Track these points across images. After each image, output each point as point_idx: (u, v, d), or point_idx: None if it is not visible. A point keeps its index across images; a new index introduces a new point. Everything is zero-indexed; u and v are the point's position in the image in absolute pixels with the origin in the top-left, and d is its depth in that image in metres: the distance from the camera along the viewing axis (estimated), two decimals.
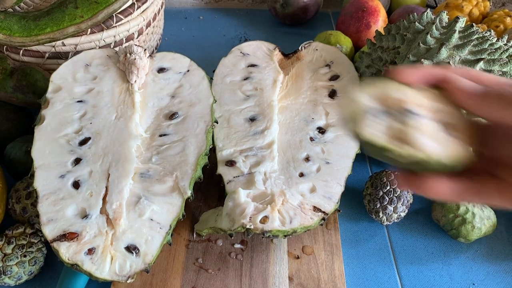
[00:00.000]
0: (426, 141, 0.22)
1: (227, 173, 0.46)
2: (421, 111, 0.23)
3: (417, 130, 0.22)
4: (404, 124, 0.23)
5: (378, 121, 0.23)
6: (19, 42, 0.53)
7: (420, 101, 0.23)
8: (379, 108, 0.23)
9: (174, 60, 0.53)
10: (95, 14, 0.54)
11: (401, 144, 0.23)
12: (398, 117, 0.23)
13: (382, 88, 0.24)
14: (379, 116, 0.23)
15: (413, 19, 0.52)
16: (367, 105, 0.23)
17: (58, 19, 0.53)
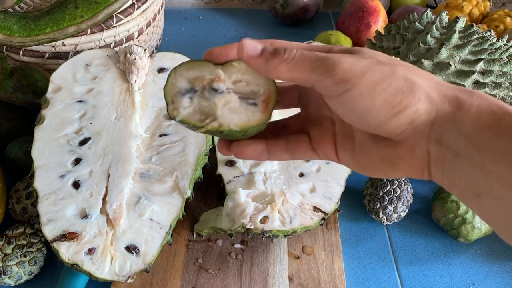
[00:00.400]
0: (222, 114, 0.26)
1: (227, 173, 0.46)
2: (224, 87, 0.27)
3: (217, 105, 0.26)
4: (208, 102, 0.27)
5: (189, 101, 0.27)
6: (19, 42, 0.53)
7: (227, 77, 0.27)
8: (192, 88, 0.27)
9: (174, 60, 0.53)
10: (95, 14, 0.54)
11: (204, 119, 0.26)
12: (206, 96, 0.27)
13: (197, 69, 0.27)
14: (192, 95, 0.27)
15: (413, 19, 0.52)
16: (181, 86, 0.27)
17: (58, 19, 0.53)
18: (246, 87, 0.27)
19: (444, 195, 0.49)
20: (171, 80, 0.27)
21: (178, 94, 0.27)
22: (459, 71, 0.45)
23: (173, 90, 0.27)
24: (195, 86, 0.27)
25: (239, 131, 0.26)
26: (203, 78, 0.27)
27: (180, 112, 0.26)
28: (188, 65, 0.27)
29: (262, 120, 0.27)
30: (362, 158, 0.26)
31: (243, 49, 0.25)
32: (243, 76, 0.27)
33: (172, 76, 0.27)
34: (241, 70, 0.27)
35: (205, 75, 0.27)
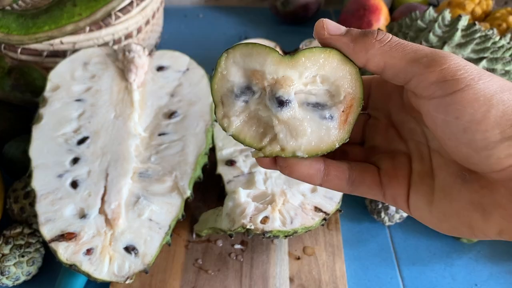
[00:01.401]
0: (285, 135, 0.20)
1: (227, 172, 0.46)
2: (291, 96, 0.20)
3: (280, 122, 0.20)
4: (269, 113, 0.20)
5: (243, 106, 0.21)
6: (17, 40, 0.52)
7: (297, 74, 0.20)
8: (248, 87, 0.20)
9: (173, 59, 0.52)
10: (93, 12, 0.54)
11: (262, 134, 0.21)
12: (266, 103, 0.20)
13: (256, 58, 0.20)
14: (247, 98, 0.21)
15: (416, 17, 0.51)
16: (234, 82, 0.20)
17: (57, 17, 0.52)
18: (322, 87, 0.21)
19: None
20: (221, 71, 0.20)
21: (230, 94, 0.21)
22: None
23: (224, 86, 0.21)
24: (252, 84, 0.21)
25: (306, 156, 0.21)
26: (264, 75, 0.20)
27: (232, 123, 0.21)
28: (245, 50, 0.20)
29: (338, 140, 0.21)
30: (444, 204, 0.20)
31: (324, 26, 0.20)
32: (319, 71, 0.20)
33: (223, 63, 0.20)
34: (319, 62, 0.20)
35: (266, 70, 0.20)
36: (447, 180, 0.20)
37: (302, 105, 0.21)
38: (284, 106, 0.20)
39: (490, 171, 0.18)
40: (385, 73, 0.20)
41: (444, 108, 0.19)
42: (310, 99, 0.21)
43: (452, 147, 0.19)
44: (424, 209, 0.21)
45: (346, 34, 0.20)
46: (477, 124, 0.18)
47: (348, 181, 0.23)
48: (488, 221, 0.19)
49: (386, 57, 0.20)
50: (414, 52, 0.19)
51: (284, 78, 0.20)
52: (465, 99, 0.18)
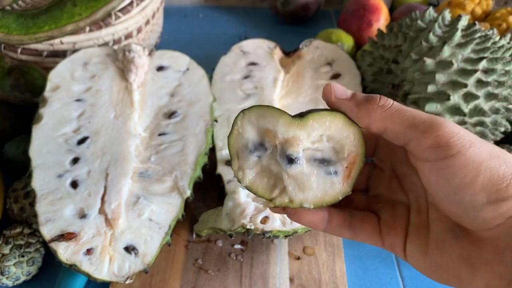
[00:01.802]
0: (293, 188, 0.23)
1: (227, 172, 0.46)
2: (299, 153, 0.23)
3: (289, 177, 0.23)
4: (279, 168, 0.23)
5: (256, 161, 0.23)
6: (17, 40, 0.52)
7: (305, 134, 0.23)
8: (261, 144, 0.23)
9: (173, 59, 0.52)
10: (93, 12, 0.54)
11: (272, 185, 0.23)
12: (277, 159, 0.23)
13: (269, 119, 0.23)
14: (260, 154, 0.23)
15: (415, 17, 0.51)
16: (249, 139, 0.23)
17: (57, 17, 0.52)
18: (327, 145, 0.23)
19: None
20: (238, 128, 0.23)
21: (244, 149, 0.23)
22: (462, 70, 0.45)
23: (239, 142, 0.23)
24: (265, 141, 0.23)
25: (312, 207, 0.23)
26: (276, 135, 0.23)
27: (246, 175, 0.23)
28: (260, 112, 0.23)
29: (341, 193, 0.23)
30: (436, 256, 0.22)
31: (331, 90, 0.23)
32: (325, 131, 0.23)
33: (239, 122, 0.23)
34: (323, 123, 0.22)
35: (278, 131, 0.22)
36: (441, 234, 0.22)
37: (310, 161, 0.23)
38: (293, 163, 0.23)
39: (478, 229, 0.20)
40: (386, 135, 0.22)
41: (437, 171, 0.21)
42: (317, 155, 0.23)
43: (444, 205, 0.21)
44: (419, 258, 0.23)
45: (350, 99, 0.22)
46: (466, 188, 0.20)
47: (349, 229, 0.25)
48: (476, 276, 0.20)
49: (386, 122, 0.22)
50: (412, 118, 0.21)
51: (293, 138, 0.23)
52: (456, 164, 0.20)
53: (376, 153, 0.27)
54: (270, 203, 0.23)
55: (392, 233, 0.24)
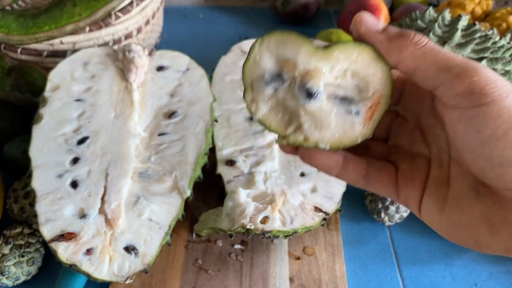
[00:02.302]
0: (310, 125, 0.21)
1: (227, 172, 0.46)
2: (320, 88, 0.21)
3: (307, 113, 0.21)
4: (297, 102, 0.21)
5: (272, 93, 0.21)
6: (17, 40, 0.52)
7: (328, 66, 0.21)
8: (279, 75, 0.21)
9: (173, 59, 0.52)
10: (93, 12, 0.54)
11: (287, 121, 0.21)
12: (295, 93, 0.21)
13: (290, 46, 0.21)
14: (277, 86, 0.21)
15: (415, 17, 0.51)
16: (266, 68, 0.21)
17: (56, 17, 0.52)
18: (351, 82, 0.21)
19: None
20: (255, 55, 0.21)
21: (260, 79, 0.21)
22: None
23: (255, 71, 0.21)
24: (283, 72, 0.21)
25: (328, 148, 0.21)
26: (296, 64, 0.21)
27: (259, 108, 0.21)
28: (281, 38, 0.21)
29: (361, 136, 0.21)
30: (454, 214, 0.21)
31: (362, 21, 0.21)
32: (350, 65, 0.21)
33: (256, 49, 0.21)
34: (351, 56, 0.21)
35: (298, 60, 0.20)
36: (462, 191, 0.21)
37: (330, 97, 0.21)
38: (312, 98, 0.21)
39: (503, 188, 0.19)
40: (415, 76, 0.21)
41: (467, 119, 0.19)
42: (338, 92, 0.21)
43: (470, 159, 0.19)
44: (434, 215, 0.22)
45: (382, 32, 0.21)
46: (497, 140, 0.18)
47: (364, 177, 0.23)
48: (496, 237, 0.19)
49: (417, 62, 0.20)
50: (447, 60, 0.19)
51: (315, 70, 0.21)
52: (488, 114, 0.18)
53: (400, 101, 0.25)
54: (283, 140, 0.22)
55: (410, 186, 0.23)
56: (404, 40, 0.20)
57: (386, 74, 0.21)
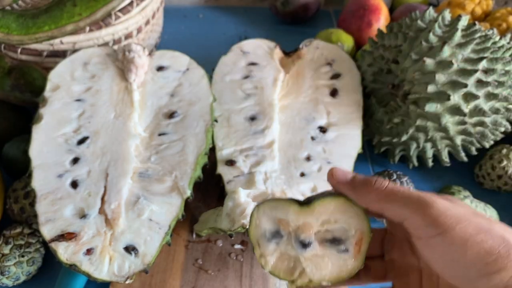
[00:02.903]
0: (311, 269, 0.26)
1: (227, 172, 0.46)
2: (311, 238, 0.26)
3: (305, 260, 0.26)
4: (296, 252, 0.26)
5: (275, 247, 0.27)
6: (17, 40, 0.52)
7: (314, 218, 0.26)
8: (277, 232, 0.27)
9: (173, 59, 0.52)
10: (93, 12, 0.54)
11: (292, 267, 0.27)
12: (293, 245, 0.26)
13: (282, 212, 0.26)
14: (278, 240, 0.27)
15: (415, 17, 0.51)
16: (266, 228, 0.27)
17: (57, 17, 0.52)
18: (335, 226, 0.26)
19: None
20: (255, 221, 0.27)
21: (263, 237, 0.27)
22: (462, 70, 0.45)
23: (258, 232, 0.27)
24: (280, 229, 0.27)
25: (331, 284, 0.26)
26: (288, 223, 0.26)
27: (268, 262, 0.27)
28: (271, 204, 0.27)
29: (355, 268, 0.26)
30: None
31: (333, 175, 0.26)
32: (331, 215, 0.26)
33: (255, 215, 0.27)
34: (330, 209, 0.26)
35: (290, 219, 0.26)
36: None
37: (322, 242, 0.26)
38: (307, 247, 0.26)
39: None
40: (384, 214, 0.25)
41: (430, 248, 0.22)
42: (327, 236, 0.26)
43: (444, 277, 0.23)
44: None
45: (350, 182, 0.25)
46: (457, 263, 0.21)
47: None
48: None
49: (381, 203, 0.24)
50: (405, 198, 0.23)
51: (304, 224, 0.26)
52: (444, 242, 0.21)
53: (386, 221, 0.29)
54: (292, 284, 0.26)
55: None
56: (367, 187, 0.24)
57: (362, 215, 0.26)
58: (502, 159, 0.51)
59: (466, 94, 0.45)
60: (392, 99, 0.51)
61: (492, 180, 0.52)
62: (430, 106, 0.45)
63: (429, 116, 0.46)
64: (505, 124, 0.48)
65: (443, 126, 0.46)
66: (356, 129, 0.49)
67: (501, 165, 0.51)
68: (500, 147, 0.53)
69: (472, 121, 0.47)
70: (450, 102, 0.45)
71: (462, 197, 0.48)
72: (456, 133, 0.48)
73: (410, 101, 0.47)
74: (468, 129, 0.47)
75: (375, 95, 0.53)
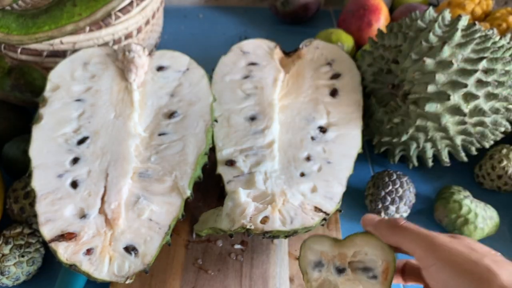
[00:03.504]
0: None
1: (227, 172, 0.46)
2: (345, 265, 0.32)
3: (341, 284, 0.32)
4: (334, 277, 0.32)
5: (318, 274, 0.33)
6: (17, 40, 0.52)
7: (348, 250, 0.32)
8: (320, 261, 0.33)
9: (173, 59, 0.52)
10: (93, 12, 0.54)
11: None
12: (332, 271, 0.33)
13: (323, 245, 0.33)
14: (320, 268, 0.33)
15: (415, 17, 0.51)
16: (311, 259, 0.33)
17: (57, 17, 0.52)
18: (366, 257, 0.32)
19: (446, 195, 0.49)
20: (304, 253, 0.34)
21: (309, 265, 0.33)
22: (462, 70, 0.45)
23: (306, 262, 0.34)
24: (322, 259, 0.33)
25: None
26: (328, 254, 0.33)
27: (313, 286, 0.33)
28: (314, 239, 0.34)
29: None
30: None
31: (364, 221, 0.33)
32: (362, 248, 0.32)
33: (303, 249, 0.34)
34: (361, 243, 0.32)
35: (328, 251, 0.33)
36: None
37: (355, 269, 0.32)
38: (342, 273, 0.32)
39: None
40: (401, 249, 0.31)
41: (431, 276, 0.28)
42: (359, 265, 0.32)
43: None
44: None
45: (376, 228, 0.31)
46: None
47: None
48: None
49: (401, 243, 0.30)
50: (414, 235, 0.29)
51: (339, 255, 0.33)
52: (439, 271, 0.26)
53: None
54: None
55: None
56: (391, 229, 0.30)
57: (387, 249, 0.31)
58: (502, 159, 0.51)
59: (466, 94, 0.45)
60: (392, 99, 0.51)
61: (492, 180, 0.52)
62: (430, 106, 0.45)
63: (429, 116, 0.46)
64: (505, 124, 0.48)
65: (443, 126, 0.46)
66: (356, 129, 0.49)
67: (501, 165, 0.51)
68: (500, 147, 0.53)
69: (472, 121, 0.47)
70: (450, 102, 0.45)
71: (462, 197, 0.48)
72: (456, 133, 0.48)
73: (410, 101, 0.47)
74: (468, 129, 0.47)
75: (375, 95, 0.53)
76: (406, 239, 0.29)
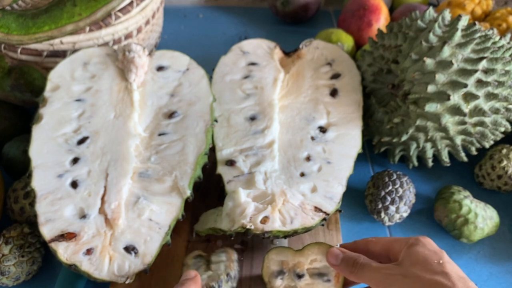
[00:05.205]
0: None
1: (227, 172, 0.46)
2: (304, 271, 0.38)
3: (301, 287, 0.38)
4: (294, 283, 0.38)
5: (280, 282, 0.38)
6: (17, 40, 0.52)
7: (305, 258, 0.38)
8: (281, 270, 0.39)
9: (173, 59, 0.52)
10: (93, 12, 0.54)
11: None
12: (292, 277, 0.38)
13: (284, 255, 0.39)
14: (282, 276, 0.38)
15: (415, 17, 0.51)
16: (273, 269, 0.39)
17: (56, 17, 0.52)
18: (321, 264, 0.38)
19: (446, 195, 0.49)
20: (266, 263, 0.39)
21: (272, 275, 0.38)
22: (462, 70, 0.45)
23: (269, 272, 0.39)
24: (283, 268, 0.38)
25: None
26: (288, 262, 0.39)
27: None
28: (276, 250, 0.39)
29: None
30: None
31: (328, 255, 0.36)
32: (317, 256, 0.38)
33: (266, 260, 0.39)
34: (317, 252, 0.38)
35: (289, 260, 0.39)
36: None
37: (312, 275, 0.38)
38: (301, 278, 0.38)
39: None
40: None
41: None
42: (315, 272, 0.38)
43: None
44: None
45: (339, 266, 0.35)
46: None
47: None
48: None
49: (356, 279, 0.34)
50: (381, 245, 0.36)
51: (298, 263, 0.38)
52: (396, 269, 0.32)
53: None
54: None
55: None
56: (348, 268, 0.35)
57: None
58: (502, 159, 0.51)
59: (466, 94, 0.45)
60: (392, 99, 0.51)
61: (492, 180, 0.52)
62: (430, 106, 0.45)
63: (429, 116, 0.46)
64: (505, 124, 0.48)
65: (443, 126, 0.46)
66: (356, 129, 0.49)
67: (501, 165, 0.51)
68: (500, 147, 0.53)
69: (472, 121, 0.47)
70: (450, 102, 0.45)
71: (462, 197, 0.48)
72: (456, 133, 0.48)
73: (410, 101, 0.47)
74: (468, 129, 0.47)
75: (375, 95, 0.53)
76: (365, 276, 0.33)
